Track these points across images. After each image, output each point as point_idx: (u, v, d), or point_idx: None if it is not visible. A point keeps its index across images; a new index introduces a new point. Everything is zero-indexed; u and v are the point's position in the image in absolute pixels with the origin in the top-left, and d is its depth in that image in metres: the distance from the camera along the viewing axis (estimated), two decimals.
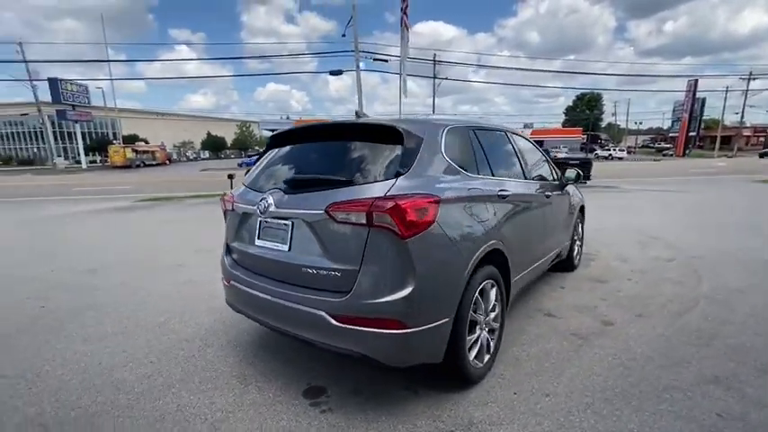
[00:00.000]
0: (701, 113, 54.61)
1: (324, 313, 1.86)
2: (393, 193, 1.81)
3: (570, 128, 57.47)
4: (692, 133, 53.10)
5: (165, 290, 3.88)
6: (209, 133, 74.87)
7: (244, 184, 2.54)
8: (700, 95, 52.59)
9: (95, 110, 43.93)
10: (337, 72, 21.02)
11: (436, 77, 34.76)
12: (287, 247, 2.05)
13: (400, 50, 17.60)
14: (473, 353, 2.16)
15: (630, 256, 4.84)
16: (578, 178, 3.84)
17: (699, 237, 5.75)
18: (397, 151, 2.00)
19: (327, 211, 1.85)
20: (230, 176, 8.46)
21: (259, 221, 2.22)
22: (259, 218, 2.20)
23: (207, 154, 70.46)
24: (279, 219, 2.09)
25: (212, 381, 2.33)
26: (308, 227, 1.96)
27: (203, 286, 3.85)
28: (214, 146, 73.61)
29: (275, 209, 2.07)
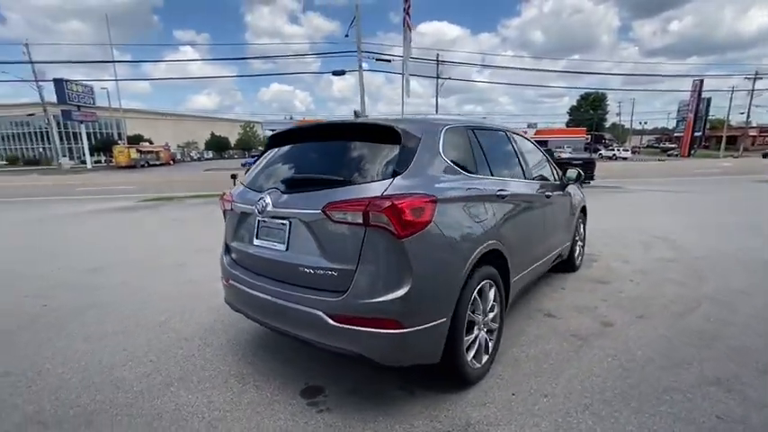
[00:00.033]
0: (706, 113, 54.20)
1: (321, 313, 1.86)
2: (390, 192, 1.80)
3: (574, 128, 57.28)
4: (697, 133, 52.71)
5: (166, 289, 3.90)
6: (212, 133, 75.30)
7: (243, 183, 2.55)
8: (705, 95, 52.22)
9: (100, 110, 44.20)
10: (340, 72, 21.06)
11: (439, 77, 34.75)
12: (284, 247, 2.05)
13: (403, 50, 17.59)
14: (471, 353, 2.15)
15: (633, 256, 4.81)
16: (579, 178, 3.82)
17: (702, 237, 5.71)
18: (395, 151, 2.00)
19: (324, 210, 1.85)
20: (233, 177, 8.49)
21: (257, 221, 2.22)
22: (257, 217, 2.20)
23: (210, 154, 70.74)
24: (276, 218, 2.09)
25: (211, 380, 2.33)
26: (305, 226, 1.96)
27: (204, 285, 3.86)
28: (218, 146, 73.96)
29: (273, 208, 2.08)
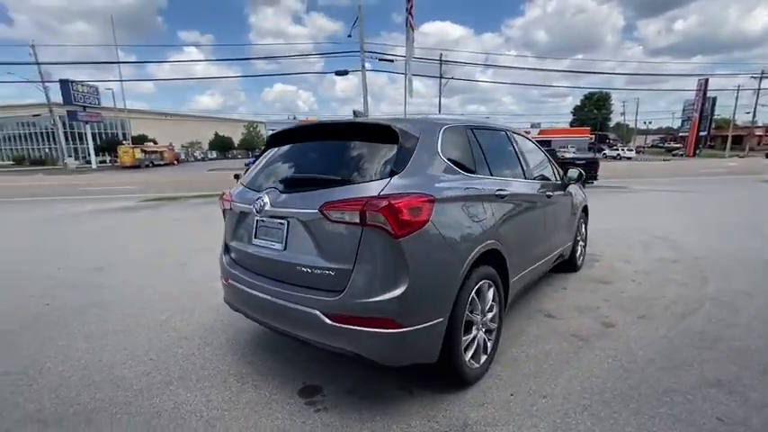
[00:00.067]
0: (711, 113, 53.74)
1: (318, 312, 1.86)
2: (387, 192, 1.80)
3: (578, 127, 57.05)
4: (702, 133, 52.29)
5: (168, 288, 3.91)
6: (216, 133, 75.53)
7: (242, 183, 2.56)
8: (710, 94, 51.85)
9: (105, 111, 44.45)
10: (343, 72, 21.05)
11: (443, 77, 34.71)
12: (282, 246, 2.05)
13: (405, 50, 17.56)
14: (469, 353, 2.15)
15: (635, 256, 4.78)
16: (580, 178, 3.80)
17: (705, 237, 5.66)
18: (393, 151, 1.99)
19: (321, 210, 1.85)
20: (236, 177, 8.49)
21: (256, 221, 2.22)
22: (256, 217, 2.20)
23: (214, 154, 70.97)
24: (274, 218, 2.10)
25: (210, 378, 2.34)
26: (302, 226, 1.96)
27: (205, 285, 3.87)
28: (221, 146, 74.19)
29: (271, 208, 2.08)
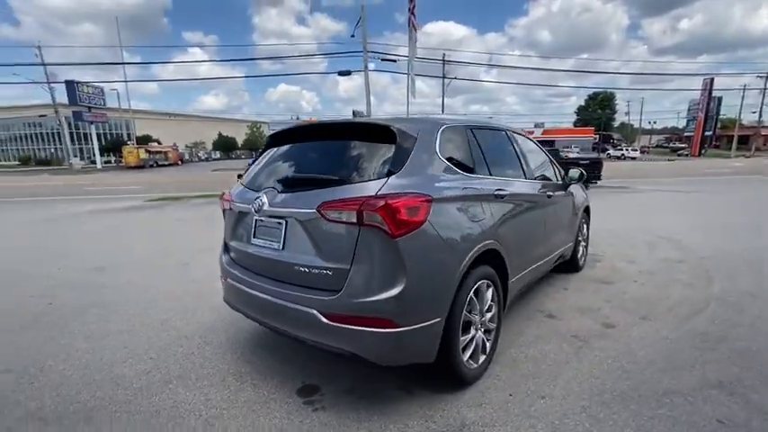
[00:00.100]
0: (717, 112, 53.31)
1: (315, 312, 1.86)
2: (384, 192, 1.80)
3: (582, 127, 56.78)
4: (707, 133, 51.87)
5: (169, 288, 3.93)
6: (220, 134, 75.77)
7: (242, 183, 2.57)
8: (716, 94, 51.38)
9: (110, 111, 44.71)
10: (346, 72, 21.10)
11: (446, 77, 34.64)
12: (281, 246, 2.06)
13: (408, 50, 17.57)
14: (467, 353, 2.14)
15: (638, 257, 4.75)
16: (582, 178, 3.78)
17: (709, 237, 5.62)
18: (391, 150, 1.99)
19: (319, 210, 1.85)
20: (240, 176, 8.54)
21: (254, 220, 2.23)
22: (254, 217, 2.21)
23: (218, 154, 71.24)
24: (273, 217, 2.10)
25: (209, 378, 2.35)
26: (300, 226, 1.96)
27: (206, 284, 3.89)
28: (225, 146, 74.44)
29: (269, 207, 2.08)
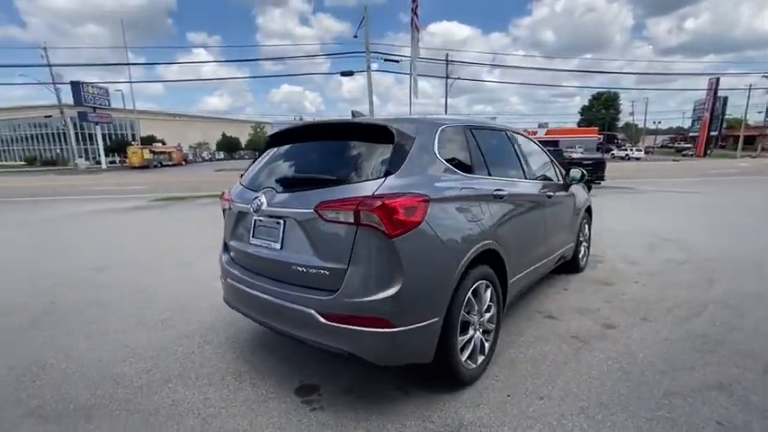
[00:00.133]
0: (722, 112, 52.89)
1: (313, 311, 1.87)
2: (381, 192, 1.80)
3: (586, 127, 56.48)
4: (713, 133, 51.49)
5: (170, 288, 3.95)
6: (223, 134, 76.12)
7: (241, 183, 2.58)
8: (721, 94, 51.04)
9: (115, 112, 45.02)
10: (348, 73, 21.13)
11: (449, 77, 34.60)
12: (279, 246, 2.07)
13: (411, 51, 17.59)
14: (465, 354, 2.14)
15: (640, 258, 4.72)
16: (583, 178, 3.77)
17: (713, 238, 5.58)
18: (389, 150, 1.99)
19: (316, 210, 1.86)
20: (242, 176, 8.58)
21: (253, 220, 2.24)
22: (253, 216, 2.22)
23: (222, 154, 71.47)
24: (271, 217, 2.11)
25: (208, 377, 2.36)
26: (298, 225, 1.97)
27: (207, 284, 3.90)
28: (229, 146, 74.71)
29: (267, 207, 2.09)
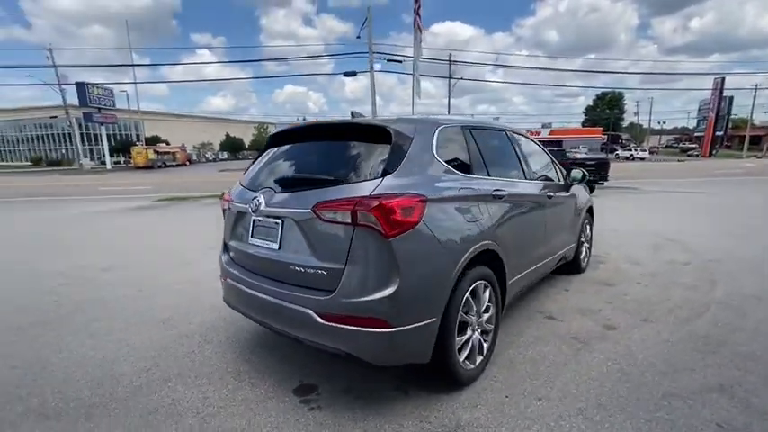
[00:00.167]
0: (728, 112, 52.54)
1: (311, 311, 1.88)
2: (379, 192, 1.80)
3: (590, 128, 56.28)
4: (718, 133, 51.16)
5: (173, 287, 3.98)
6: (227, 134, 76.37)
7: (241, 183, 2.59)
8: (727, 94, 50.65)
9: (120, 112, 45.31)
10: (351, 73, 21.15)
11: (452, 77, 34.57)
12: (277, 246, 2.07)
13: (413, 51, 17.59)
14: (464, 354, 2.13)
15: (643, 258, 4.70)
16: (584, 179, 3.75)
17: (718, 240, 5.54)
18: (387, 151, 2.00)
19: (314, 210, 1.86)
20: None
21: (252, 220, 2.25)
22: (252, 216, 2.23)
23: (225, 155, 71.72)
24: (269, 217, 2.12)
25: (208, 376, 2.37)
26: (296, 225, 1.97)
27: (208, 284, 3.92)
28: (232, 147, 74.97)
29: (266, 207, 2.10)
